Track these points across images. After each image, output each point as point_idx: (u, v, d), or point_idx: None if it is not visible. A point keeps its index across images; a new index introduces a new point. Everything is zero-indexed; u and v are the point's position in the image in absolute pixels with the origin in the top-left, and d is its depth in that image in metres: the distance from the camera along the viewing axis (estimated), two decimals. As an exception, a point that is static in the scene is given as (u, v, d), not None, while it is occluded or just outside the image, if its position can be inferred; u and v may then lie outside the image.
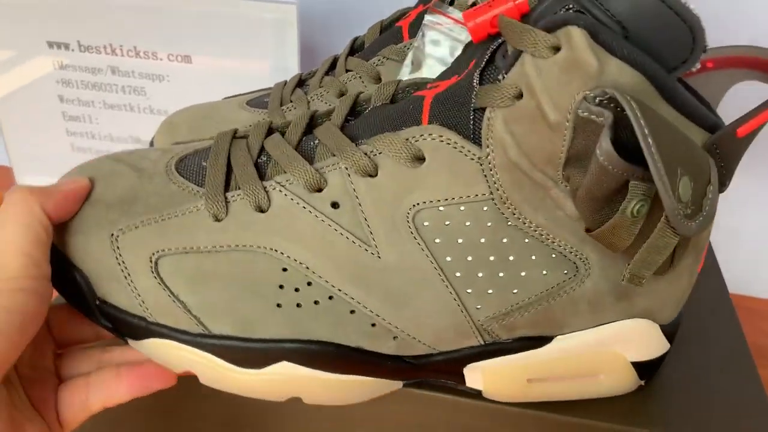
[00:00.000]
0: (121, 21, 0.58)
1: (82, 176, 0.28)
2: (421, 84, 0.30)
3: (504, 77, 0.24)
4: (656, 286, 0.28)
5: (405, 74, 0.35)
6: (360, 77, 0.39)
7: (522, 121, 0.24)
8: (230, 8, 0.56)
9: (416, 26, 0.39)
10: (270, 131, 0.30)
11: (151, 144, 0.42)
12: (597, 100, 0.22)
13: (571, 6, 0.24)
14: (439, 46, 0.34)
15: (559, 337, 0.28)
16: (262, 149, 0.29)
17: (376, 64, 0.40)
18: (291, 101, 0.40)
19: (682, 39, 0.23)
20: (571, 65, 0.22)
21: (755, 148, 0.24)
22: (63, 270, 0.27)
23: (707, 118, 0.25)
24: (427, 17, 0.34)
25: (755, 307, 0.59)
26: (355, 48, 0.44)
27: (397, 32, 0.41)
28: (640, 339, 0.29)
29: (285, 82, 0.43)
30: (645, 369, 0.31)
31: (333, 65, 0.43)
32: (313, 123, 0.30)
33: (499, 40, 0.26)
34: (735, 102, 0.31)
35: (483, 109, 0.25)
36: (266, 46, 0.56)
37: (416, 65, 0.34)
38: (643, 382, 0.32)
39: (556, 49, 0.23)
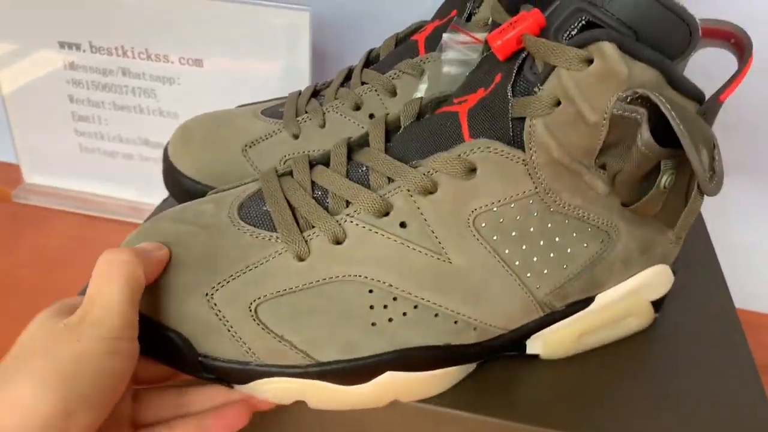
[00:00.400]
0: (133, 23, 0.58)
1: (154, 243, 0.29)
2: (443, 100, 0.33)
3: (540, 89, 0.28)
4: (667, 235, 0.33)
5: (422, 90, 0.37)
6: (375, 90, 0.40)
7: (562, 125, 0.28)
8: (243, 13, 0.56)
9: (432, 41, 0.40)
10: (310, 164, 0.32)
11: (165, 150, 0.42)
12: (628, 99, 0.26)
13: (583, 18, 0.28)
14: (457, 64, 0.36)
15: (599, 295, 0.33)
16: (313, 184, 0.31)
17: (392, 78, 0.40)
18: (306, 112, 0.41)
19: (681, 34, 0.27)
20: (605, 74, 0.26)
21: (754, 162, 0.28)
22: (157, 336, 0.28)
23: (695, 92, 0.29)
24: (446, 35, 0.36)
25: (756, 321, 0.59)
26: (371, 60, 0.44)
27: (412, 46, 0.41)
28: (658, 281, 0.35)
29: (300, 92, 0.43)
30: (658, 304, 0.36)
31: (348, 77, 0.43)
32: (349, 146, 0.32)
33: (523, 55, 0.29)
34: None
35: (519, 118, 0.29)
36: (278, 51, 0.56)
37: (433, 82, 0.37)
38: (657, 315, 0.37)
39: (589, 61, 0.26)
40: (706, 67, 0.36)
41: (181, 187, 0.40)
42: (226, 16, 0.56)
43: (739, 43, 0.32)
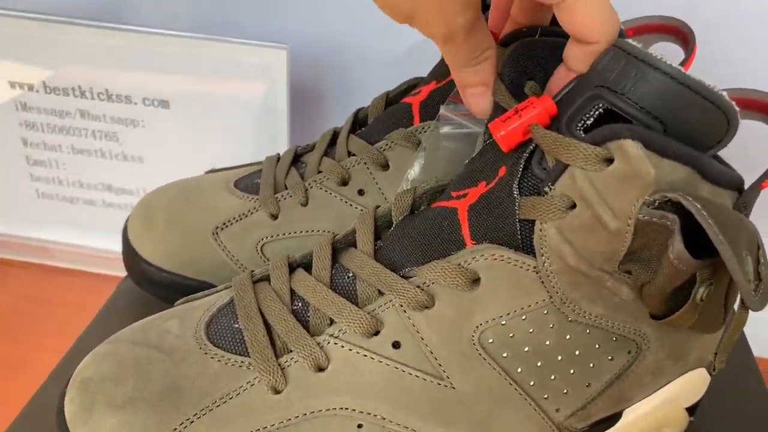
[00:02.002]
0: (91, 62, 0.54)
1: (104, 369, 0.25)
2: (439, 190, 0.29)
3: (551, 189, 0.24)
4: (706, 337, 0.29)
5: (417, 166, 0.32)
6: (365, 163, 0.35)
7: (578, 230, 0.24)
8: (214, 51, 0.52)
9: (428, 106, 0.35)
10: (290, 266, 0.28)
11: (125, 229, 0.37)
12: (656, 203, 0.22)
13: (600, 106, 0.24)
14: (456, 138, 0.32)
15: (627, 410, 0.29)
16: (292, 293, 0.27)
17: (383, 149, 0.35)
18: (286, 187, 0.36)
19: (718, 123, 0.23)
20: (629, 176, 0.22)
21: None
22: None
23: (733, 180, 0.25)
24: (444, 108, 0.32)
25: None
26: (358, 121, 0.39)
27: (405, 111, 0.36)
28: (693, 387, 0.30)
29: (278, 158, 0.38)
30: (694, 408, 0.32)
31: (333, 140, 0.38)
32: (334, 247, 0.28)
33: (531, 147, 0.25)
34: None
35: (528, 220, 0.25)
36: (253, 92, 0.52)
37: (430, 156, 0.32)
38: (692, 419, 0.32)
39: (609, 160, 0.22)
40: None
41: (143, 274, 0.36)
42: (195, 54, 0.52)
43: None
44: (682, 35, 0.34)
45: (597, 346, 0.26)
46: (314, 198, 0.35)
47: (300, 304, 0.27)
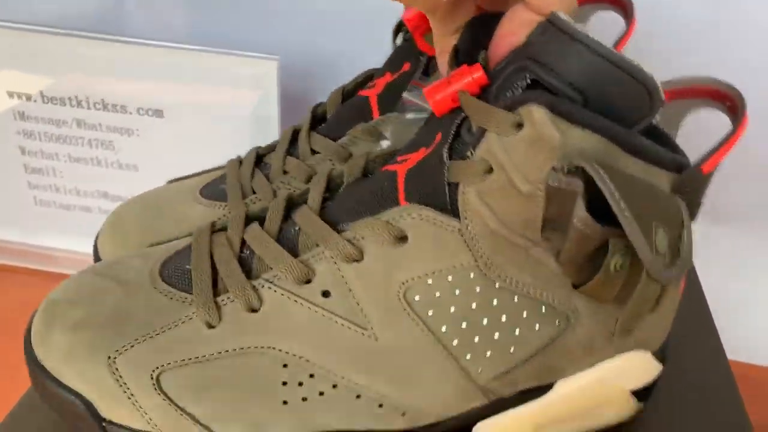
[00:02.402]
0: (88, 73, 0.56)
1: (68, 294, 0.28)
2: (390, 156, 0.30)
3: (472, 153, 0.25)
4: (645, 320, 0.29)
5: (383, 146, 0.34)
6: (330, 160, 0.35)
7: (495, 193, 0.25)
8: (206, 62, 0.53)
9: (386, 99, 0.36)
10: (248, 219, 0.30)
11: (95, 244, 0.38)
12: (565, 170, 0.23)
13: (527, 77, 0.25)
14: (419, 125, 0.33)
15: (559, 382, 0.29)
16: (243, 242, 0.29)
17: (346, 145, 0.36)
18: (254, 192, 0.36)
19: (639, 97, 0.24)
20: (535, 140, 0.23)
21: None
22: (63, 397, 0.27)
23: (672, 161, 0.26)
24: (406, 93, 0.33)
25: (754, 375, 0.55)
26: (316, 117, 0.39)
27: (363, 104, 0.37)
28: (636, 369, 0.30)
29: (240, 161, 0.38)
30: (643, 393, 0.32)
31: (294, 138, 0.38)
32: (290, 203, 0.30)
33: (463, 114, 0.26)
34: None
35: (457, 183, 0.26)
36: (245, 101, 0.54)
37: (396, 139, 0.33)
38: (642, 405, 0.32)
39: (519, 125, 0.23)
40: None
41: None
42: (188, 65, 0.54)
43: (733, 106, 0.28)
44: (622, 5, 0.34)
45: (524, 314, 0.27)
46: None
47: (248, 252, 0.29)
